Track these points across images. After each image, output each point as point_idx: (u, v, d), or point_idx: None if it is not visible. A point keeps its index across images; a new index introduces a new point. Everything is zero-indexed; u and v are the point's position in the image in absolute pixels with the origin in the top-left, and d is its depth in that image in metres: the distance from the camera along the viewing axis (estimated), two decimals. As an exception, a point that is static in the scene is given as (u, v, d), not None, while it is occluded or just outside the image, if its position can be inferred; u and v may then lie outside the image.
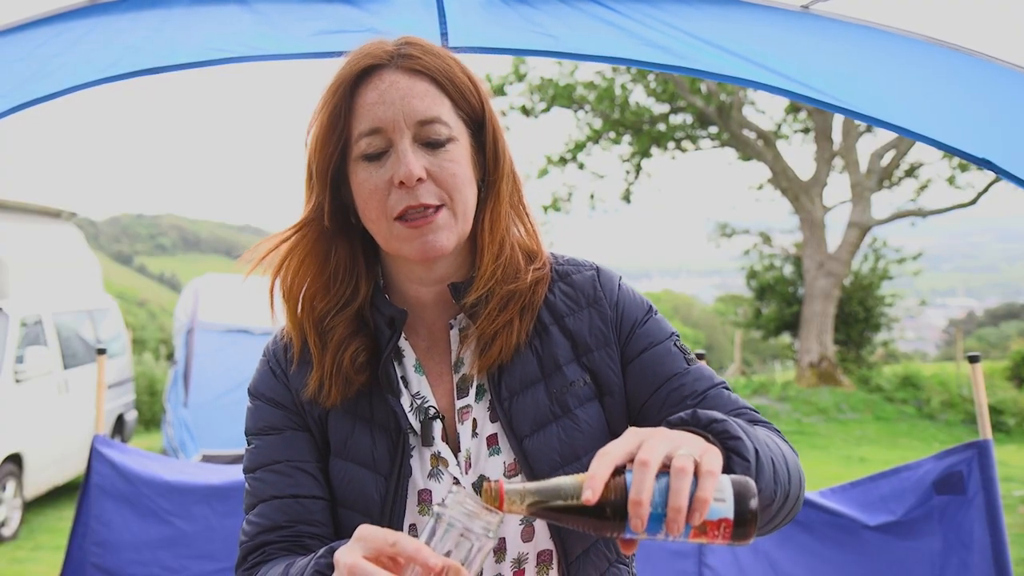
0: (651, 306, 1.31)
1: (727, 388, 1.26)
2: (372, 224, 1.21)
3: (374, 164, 1.18)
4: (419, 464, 1.22)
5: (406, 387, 1.26)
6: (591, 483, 0.90)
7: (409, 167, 1.14)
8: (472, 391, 1.24)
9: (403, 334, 1.27)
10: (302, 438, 1.26)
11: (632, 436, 0.96)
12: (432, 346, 1.29)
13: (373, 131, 1.17)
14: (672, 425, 1.05)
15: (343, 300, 1.26)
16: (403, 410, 1.23)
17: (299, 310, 1.26)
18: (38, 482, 7.77)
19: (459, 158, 1.19)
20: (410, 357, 1.27)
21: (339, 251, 1.25)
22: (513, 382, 1.23)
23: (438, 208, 1.17)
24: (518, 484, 0.96)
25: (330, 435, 1.25)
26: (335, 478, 1.24)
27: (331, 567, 1.00)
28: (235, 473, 3.17)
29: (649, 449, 0.92)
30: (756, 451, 1.04)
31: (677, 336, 1.30)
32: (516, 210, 1.29)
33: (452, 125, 1.19)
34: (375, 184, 1.17)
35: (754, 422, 1.22)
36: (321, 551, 1.08)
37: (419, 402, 1.24)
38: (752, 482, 0.94)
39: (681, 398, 1.23)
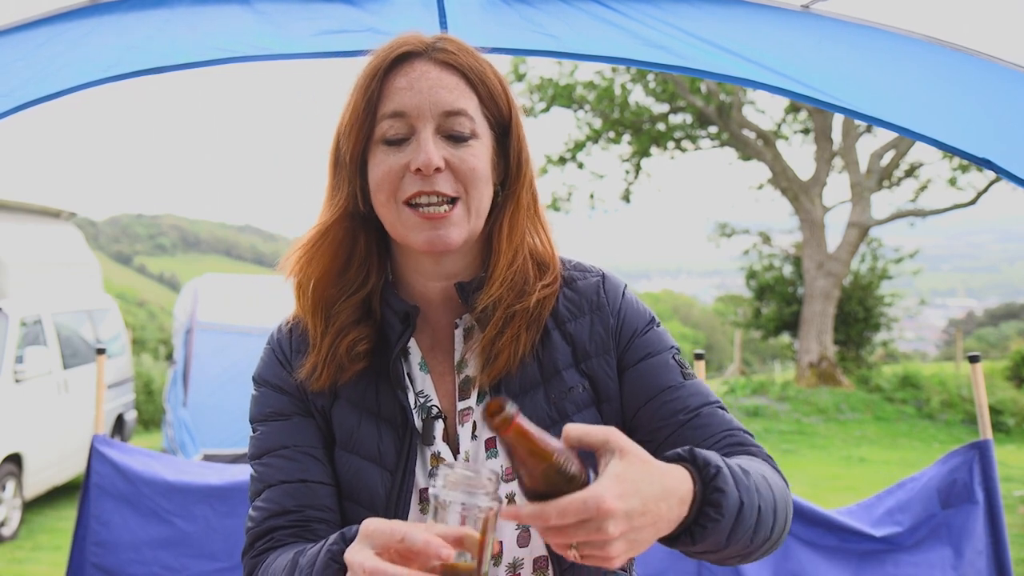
0: (654, 317, 1.31)
1: (722, 408, 1.26)
2: (381, 207, 1.20)
3: (393, 148, 1.18)
4: (420, 462, 1.22)
5: (411, 384, 1.25)
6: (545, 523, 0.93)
7: (428, 155, 1.15)
8: (474, 394, 1.24)
9: None
10: (308, 424, 1.25)
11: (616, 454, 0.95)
12: (435, 345, 1.28)
13: (396, 114, 1.18)
14: (668, 460, 1.04)
15: (354, 287, 1.26)
16: (411, 406, 1.23)
17: (311, 293, 1.26)
18: (38, 482, 7.76)
19: (479, 154, 1.20)
20: (415, 354, 1.27)
21: (359, 238, 1.25)
22: (513, 386, 1.22)
23: (453, 201, 1.18)
24: (526, 422, 0.93)
25: (335, 427, 1.25)
26: (340, 471, 1.24)
27: (343, 553, 1.00)
28: (235, 473, 3.17)
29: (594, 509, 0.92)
30: (739, 505, 1.04)
31: (677, 350, 1.29)
32: (532, 220, 1.29)
33: (477, 122, 1.20)
34: (390, 167, 1.18)
35: (745, 444, 1.22)
36: (332, 538, 1.08)
37: (423, 400, 1.24)
38: None
39: (673, 412, 1.22)
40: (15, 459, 7.35)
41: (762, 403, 14.14)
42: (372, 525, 0.96)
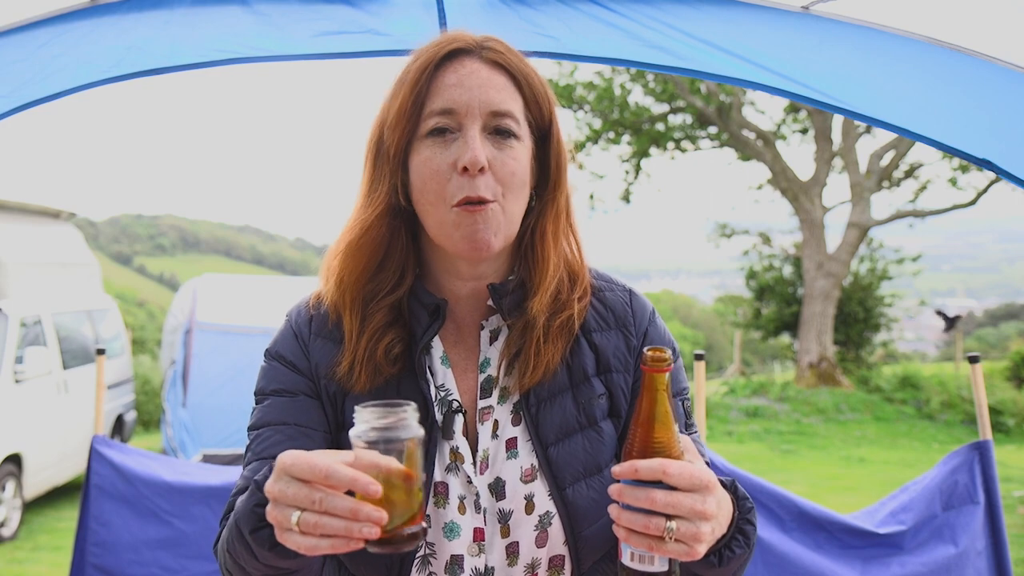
0: (676, 349, 1.30)
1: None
2: (428, 207, 1.19)
3: (439, 143, 1.18)
4: (438, 456, 1.21)
5: (432, 377, 1.25)
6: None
7: (475, 153, 1.15)
8: (496, 393, 1.24)
9: None
10: (314, 405, 1.24)
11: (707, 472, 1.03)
12: (459, 342, 1.28)
13: (445, 111, 1.17)
14: None
15: (390, 286, 1.25)
16: (432, 398, 1.22)
17: (351, 290, 1.25)
18: (38, 482, 7.75)
19: (520, 157, 1.20)
20: (438, 348, 1.27)
21: (398, 235, 1.25)
22: (542, 391, 1.23)
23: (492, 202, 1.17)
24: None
25: (347, 414, 1.23)
26: None
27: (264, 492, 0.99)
28: (234, 474, 3.17)
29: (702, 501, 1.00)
30: (753, 547, 1.15)
31: (686, 394, 1.30)
32: (566, 226, 1.28)
33: (521, 124, 1.21)
34: (438, 165, 1.17)
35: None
36: (264, 470, 1.06)
37: (443, 394, 1.24)
38: None
39: None
40: (15, 459, 7.35)
41: (762, 403, 14.14)
42: (289, 458, 0.95)
